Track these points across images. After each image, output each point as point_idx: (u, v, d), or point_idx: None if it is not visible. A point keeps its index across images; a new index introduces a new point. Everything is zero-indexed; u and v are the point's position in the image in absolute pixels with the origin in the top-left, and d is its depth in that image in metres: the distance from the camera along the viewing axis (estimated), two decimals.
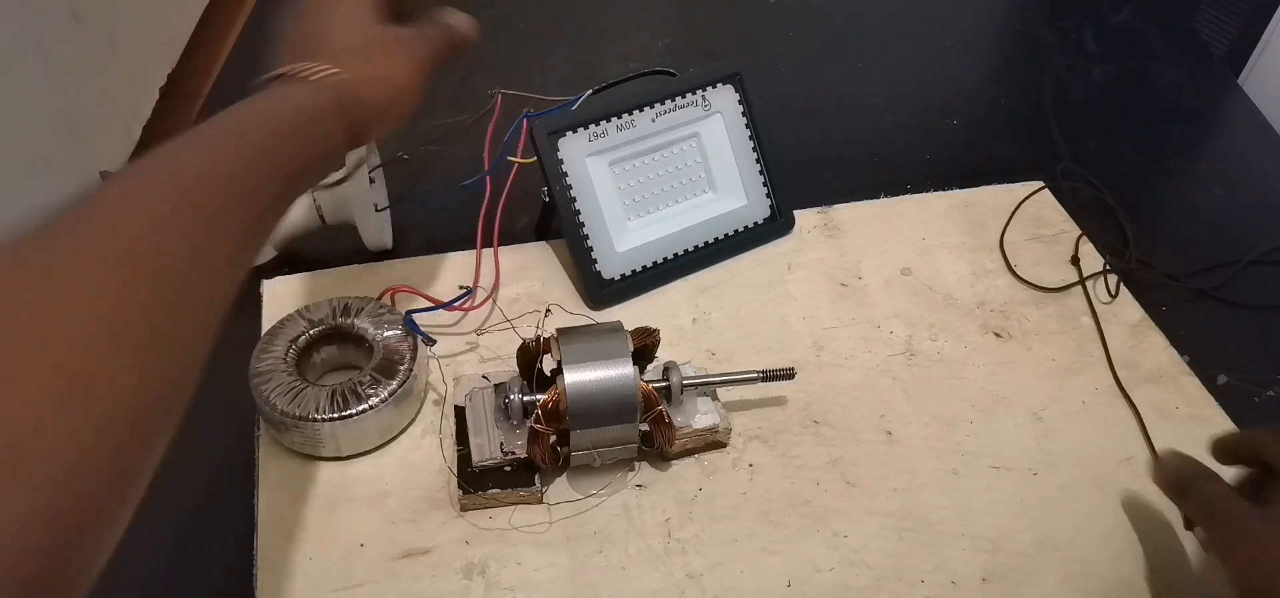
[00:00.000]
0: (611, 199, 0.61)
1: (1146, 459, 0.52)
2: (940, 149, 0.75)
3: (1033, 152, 0.75)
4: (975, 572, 0.47)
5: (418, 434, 0.52)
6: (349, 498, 0.49)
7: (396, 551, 0.47)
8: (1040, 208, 0.68)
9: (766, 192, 0.65)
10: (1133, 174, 0.74)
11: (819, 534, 0.48)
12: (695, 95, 0.62)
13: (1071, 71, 0.84)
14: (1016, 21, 0.92)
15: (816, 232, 0.66)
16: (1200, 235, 0.69)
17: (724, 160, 0.64)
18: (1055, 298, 0.62)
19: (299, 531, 0.48)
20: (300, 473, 0.50)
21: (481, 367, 0.56)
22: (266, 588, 0.46)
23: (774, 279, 0.63)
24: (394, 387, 0.50)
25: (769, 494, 0.50)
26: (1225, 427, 0.54)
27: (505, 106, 0.62)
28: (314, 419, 0.49)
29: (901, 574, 0.47)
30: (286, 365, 0.51)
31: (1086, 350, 0.58)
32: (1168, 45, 0.88)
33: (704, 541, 0.48)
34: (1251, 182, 0.74)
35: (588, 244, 0.60)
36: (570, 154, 0.59)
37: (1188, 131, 0.79)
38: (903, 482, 0.51)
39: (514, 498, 0.49)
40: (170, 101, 1.85)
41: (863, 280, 0.62)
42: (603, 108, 0.60)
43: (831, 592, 0.46)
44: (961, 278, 0.63)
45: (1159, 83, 0.84)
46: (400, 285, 0.56)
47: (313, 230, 0.61)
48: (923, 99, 0.81)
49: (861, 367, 0.57)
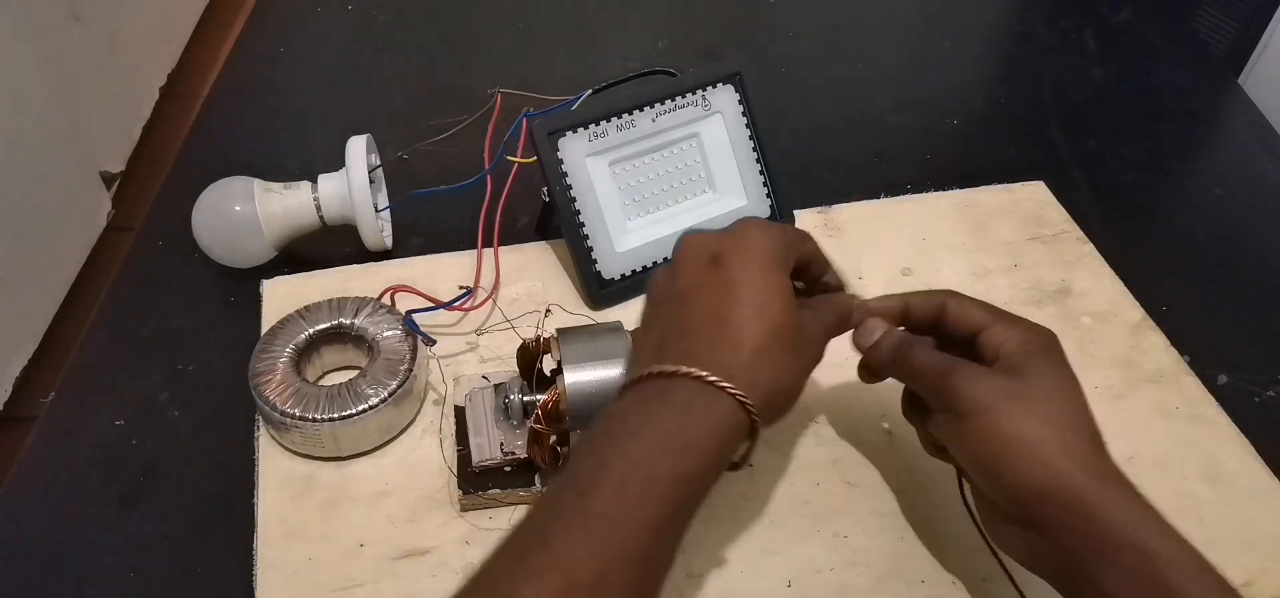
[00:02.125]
0: (611, 199, 0.61)
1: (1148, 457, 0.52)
2: (940, 149, 0.75)
3: (1033, 152, 0.75)
4: (975, 572, 0.47)
5: (418, 434, 0.52)
6: (349, 498, 0.49)
7: (396, 551, 0.47)
8: (1040, 208, 0.68)
9: (766, 192, 0.65)
10: (1133, 174, 0.74)
11: (819, 534, 0.48)
12: (695, 95, 0.62)
13: (1071, 71, 0.84)
14: (1016, 21, 0.92)
15: (816, 232, 0.66)
16: (1200, 235, 0.69)
17: (724, 160, 0.64)
18: (1055, 298, 0.62)
19: (299, 531, 0.48)
20: (300, 473, 0.50)
21: (481, 367, 0.56)
22: (266, 588, 0.46)
23: None
24: (394, 387, 0.50)
25: (769, 494, 0.50)
26: (1225, 427, 0.54)
27: (505, 106, 0.62)
28: (314, 419, 0.49)
29: (902, 574, 0.47)
30: (286, 365, 0.51)
31: (1087, 350, 0.58)
32: (1168, 45, 0.88)
33: (704, 541, 0.48)
34: (1251, 182, 0.74)
35: (588, 244, 0.60)
36: (570, 154, 0.59)
37: (1188, 131, 0.79)
38: (903, 482, 0.51)
39: (514, 498, 0.49)
40: (170, 101, 1.86)
41: (863, 280, 0.62)
42: (602, 108, 0.60)
43: (832, 592, 0.46)
44: (961, 278, 0.63)
45: (1159, 83, 0.84)
46: (400, 285, 0.56)
47: (313, 230, 0.61)
48: (923, 99, 0.81)
49: None
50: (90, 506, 0.50)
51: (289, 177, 0.61)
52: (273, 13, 0.91)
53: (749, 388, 0.37)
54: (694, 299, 0.39)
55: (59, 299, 1.46)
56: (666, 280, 0.42)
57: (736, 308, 0.38)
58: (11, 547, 0.49)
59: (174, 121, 1.82)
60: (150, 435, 0.53)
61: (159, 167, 1.69)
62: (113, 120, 1.68)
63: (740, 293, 0.39)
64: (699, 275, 0.40)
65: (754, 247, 0.40)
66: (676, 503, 0.35)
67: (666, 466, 0.34)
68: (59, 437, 0.54)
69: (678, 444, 0.35)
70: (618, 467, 0.34)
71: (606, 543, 0.32)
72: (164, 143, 1.77)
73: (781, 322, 0.39)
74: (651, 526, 0.33)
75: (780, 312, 0.39)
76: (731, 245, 0.41)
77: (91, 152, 1.58)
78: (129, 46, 1.72)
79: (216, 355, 0.57)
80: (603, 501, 0.33)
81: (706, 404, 0.36)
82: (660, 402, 0.36)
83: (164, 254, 0.64)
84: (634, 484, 0.34)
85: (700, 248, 0.41)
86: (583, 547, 0.32)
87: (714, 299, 0.39)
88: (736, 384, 0.36)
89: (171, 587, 0.47)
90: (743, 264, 0.40)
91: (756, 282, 0.39)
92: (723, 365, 0.37)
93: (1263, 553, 0.48)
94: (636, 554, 0.33)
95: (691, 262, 0.41)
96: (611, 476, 0.34)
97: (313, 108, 0.79)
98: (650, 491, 0.34)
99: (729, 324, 0.38)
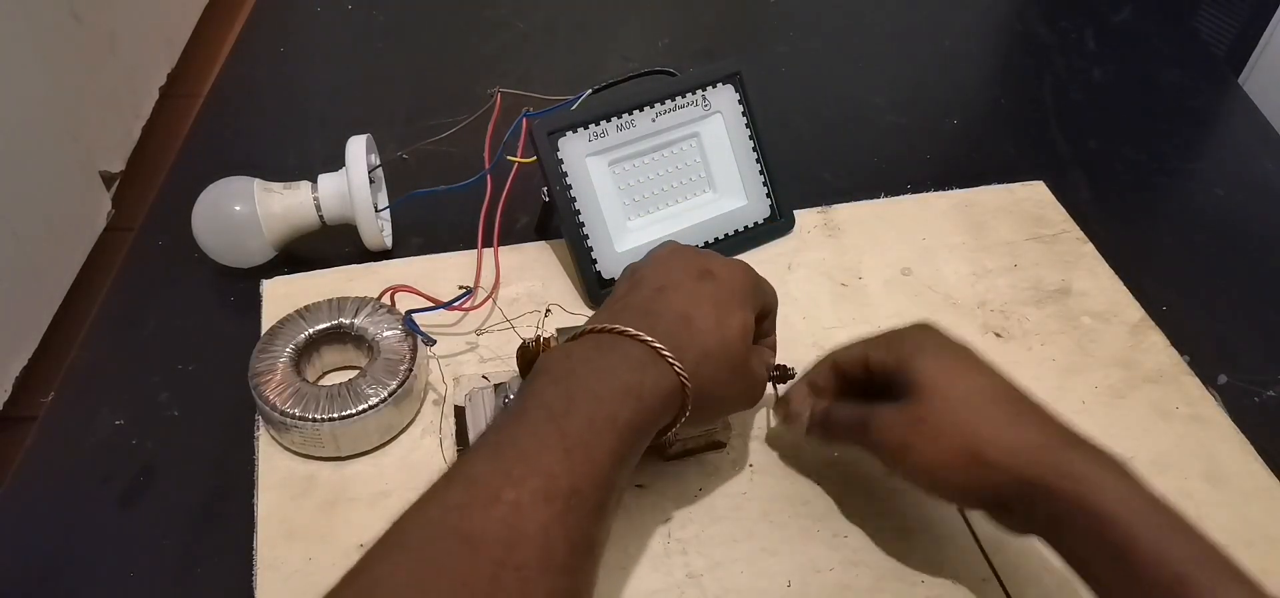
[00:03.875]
0: (611, 199, 0.61)
1: (1148, 457, 0.52)
2: (940, 149, 0.75)
3: (1033, 151, 0.75)
4: (975, 572, 0.47)
5: (418, 434, 0.52)
6: (349, 498, 0.49)
7: None
8: (1040, 208, 0.68)
9: (766, 191, 0.65)
10: (1133, 174, 0.74)
11: (819, 534, 0.48)
12: (695, 95, 0.62)
13: (1071, 71, 0.84)
14: (1016, 21, 0.92)
15: (816, 231, 0.66)
16: (1200, 235, 0.69)
17: (724, 160, 0.64)
18: (1055, 298, 0.62)
19: (299, 531, 0.48)
20: (300, 473, 0.50)
21: (481, 367, 0.56)
22: (266, 588, 0.45)
23: (774, 279, 0.62)
24: (394, 387, 0.50)
25: (769, 494, 0.50)
26: (1226, 427, 0.54)
27: (505, 106, 0.62)
28: (314, 419, 0.49)
29: (901, 574, 0.47)
30: (286, 365, 0.51)
31: (1086, 350, 0.58)
32: (1168, 45, 0.88)
33: (704, 541, 0.48)
34: (1251, 182, 0.74)
35: (588, 244, 0.60)
36: (570, 154, 0.59)
37: (1188, 131, 0.79)
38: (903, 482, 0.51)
39: None
40: (170, 101, 1.86)
41: (863, 280, 0.62)
42: (602, 108, 0.60)
43: (832, 592, 0.46)
44: (961, 278, 0.63)
45: (1159, 83, 0.84)
46: (400, 285, 0.56)
47: (313, 230, 0.61)
48: (923, 99, 0.81)
49: None
50: (90, 506, 0.50)
51: (289, 177, 0.61)
52: (273, 13, 0.91)
53: (690, 376, 0.41)
54: (671, 294, 0.44)
55: (59, 299, 1.46)
56: (647, 272, 0.46)
57: (704, 316, 0.43)
58: (11, 547, 0.49)
59: (174, 121, 1.82)
60: (150, 435, 0.53)
61: (159, 167, 1.69)
62: (112, 120, 1.68)
63: (711, 307, 0.43)
64: (683, 279, 0.44)
65: (738, 279, 0.46)
66: (630, 444, 0.39)
67: (626, 412, 0.39)
68: (59, 437, 0.54)
69: (635, 396, 0.39)
70: (585, 402, 0.38)
71: (580, 463, 0.36)
72: (164, 143, 1.77)
73: (734, 345, 0.44)
74: (615, 457, 0.38)
75: (737, 338, 0.44)
76: (721, 270, 0.46)
77: (91, 151, 1.58)
78: (129, 46, 1.73)
79: (216, 355, 0.57)
80: (574, 426, 0.37)
81: (659, 373, 0.40)
82: (617, 356, 0.40)
83: (164, 254, 0.64)
84: (600, 420, 0.38)
85: (695, 260, 0.46)
86: (559, 463, 0.36)
87: (688, 302, 0.43)
88: (681, 367, 0.41)
89: (171, 587, 0.47)
90: (725, 287, 0.45)
91: (728, 305, 0.44)
92: (675, 350, 0.41)
93: (1263, 553, 0.48)
94: (602, 479, 0.37)
95: (682, 266, 0.45)
96: (580, 408, 0.38)
97: (313, 108, 0.79)
98: (613, 429, 0.38)
99: (693, 325, 0.43)
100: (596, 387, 0.39)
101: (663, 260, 0.46)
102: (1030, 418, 0.42)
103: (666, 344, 0.41)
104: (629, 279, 0.46)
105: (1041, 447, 0.40)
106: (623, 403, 0.39)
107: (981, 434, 0.41)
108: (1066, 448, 0.40)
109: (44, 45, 1.45)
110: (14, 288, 1.35)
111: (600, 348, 0.41)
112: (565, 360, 0.40)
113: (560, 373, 0.39)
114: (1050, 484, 0.39)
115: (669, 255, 0.46)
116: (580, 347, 0.41)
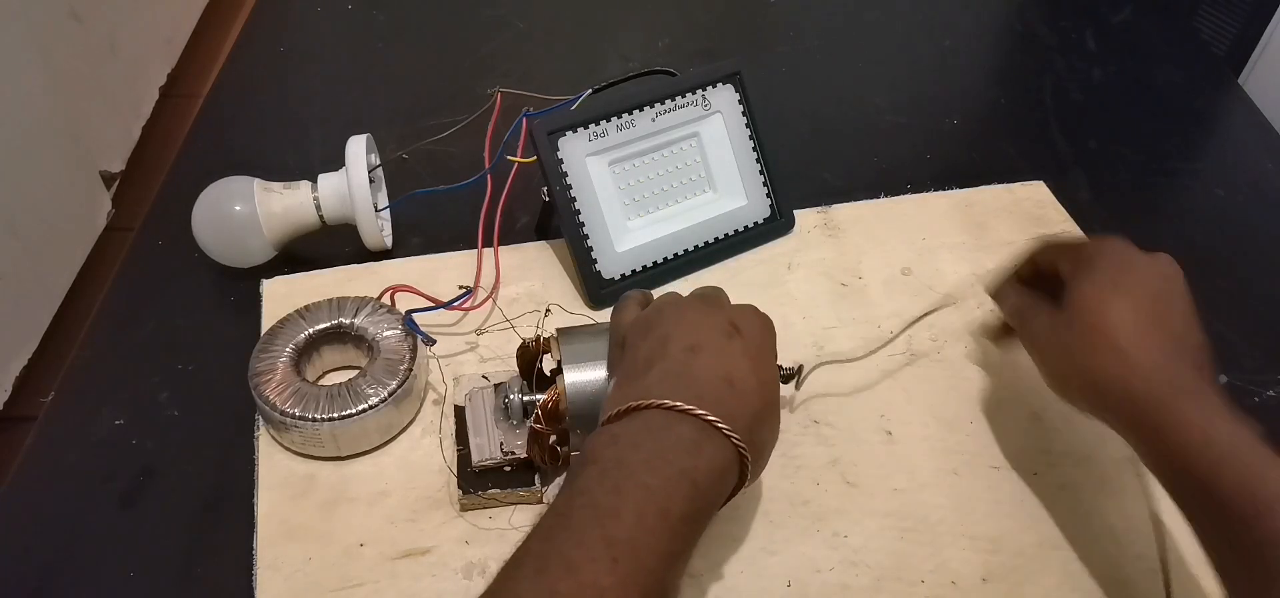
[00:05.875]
0: (611, 199, 0.61)
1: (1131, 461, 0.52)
2: (940, 149, 0.75)
3: (1033, 151, 0.75)
4: (975, 572, 0.47)
5: (417, 434, 0.52)
6: (349, 498, 0.49)
7: (396, 551, 0.47)
8: (1040, 208, 0.68)
9: (766, 191, 0.65)
10: (1133, 174, 0.74)
11: (819, 534, 0.48)
12: (695, 95, 0.62)
13: (1071, 71, 0.84)
14: (1016, 21, 0.92)
15: (816, 231, 0.66)
16: (1200, 235, 0.69)
17: (724, 160, 0.64)
18: None
19: (299, 531, 0.48)
20: (300, 473, 0.50)
21: (481, 367, 0.56)
22: (266, 588, 0.46)
23: (774, 279, 0.63)
24: (394, 387, 0.50)
25: (769, 494, 0.50)
26: None
27: (505, 106, 0.62)
28: (314, 419, 0.49)
29: (901, 574, 0.47)
30: (286, 365, 0.51)
31: None
32: (1168, 45, 0.88)
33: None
34: (1251, 182, 0.74)
35: (588, 244, 0.60)
36: (570, 154, 0.59)
37: (1188, 131, 0.79)
38: (903, 482, 0.51)
39: (514, 498, 0.49)
40: (170, 101, 1.86)
41: (863, 280, 0.62)
42: (602, 107, 0.60)
43: (831, 592, 0.46)
44: (961, 278, 0.63)
45: (1159, 83, 0.84)
46: (400, 285, 0.56)
47: (312, 230, 0.61)
48: (923, 99, 0.81)
49: (861, 367, 0.56)
50: (90, 506, 0.50)
51: (289, 176, 0.61)
52: (273, 13, 0.91)
53: (747, 444, 0.39)
54: (705, 356, 0.41)
55: (59, 299, 1.46)
56: (671, 329, 0.43)
57: (744, 376, 0.41)
58: (11, 547, 0.49)
59: (174, 121, 1.82)
60: (150, 435, 0.53)
61: (159, 166, 1.69)
62: (113, 120, 1.68)
63: (747, 363, 0.42)
64: (712, 337, 0.42)
65: (760, 329, 0.45)
66: (687, 538, 0.37)
67: (680, 502, 0.36)
68: (59, 437, 0.54)
69: (689, 482, 0.37)
70: (635, 496, 0.36)
71: (629, 572, 0.34)
72: (164, 143, 1.77)
73: (775, 400, 0.43)
74: (667, 557, 0.35)
75: (776, 392, 0.44)
76: (743, 322, 0.44)
77: (91, 151, 1.58)
78: (129, 46, 1.72)
79: (216, 355, 0.57)
80: (623, 529, 0.35)
81: (714, 448, 0.39)
82: (668, 436, 0.38)
83: (164, 254, 0.64)
84: (650, 516, 0.35)
85: (717, 315, 0.44)
86: (607, 575, 0.33)
87: (725, 363, 0.41)
88: (738, 437, 0.39)
89: (171, 587, 0.47)
90: (753, 342, 0.43)
91: (761, 358, 0.43)
92: (727, 419, 0.39)
93: None
94: (655, 585, 0.34)
95: (707, 324, 0.43)
96: (629, 503, 0.35)
97: (313, 108, 0.79)
98: (665, 524, 0.36)
99: (737, 386, 0.41)
100: (647, 479, 0.36)
101: (683, 317, 0.44)
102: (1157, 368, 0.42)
103: (716, 413, 0.38)
104: (647, 334, 0.43)
105: (1157, 403, 0.41)
106: (675, 491, 0.36)
107: (1108, 371, 0.43)
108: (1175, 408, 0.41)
109: (44, 45, 1.45)
110: (14, 288, 1.34)
111: (650, 429, 0.38)
112: (612, 446, 0.38)
113: (608, 462, 0.37)
114: (1154, 444, 0.41)
115: (688, 310, 0.44)
116: (628, 430, 0.39)
